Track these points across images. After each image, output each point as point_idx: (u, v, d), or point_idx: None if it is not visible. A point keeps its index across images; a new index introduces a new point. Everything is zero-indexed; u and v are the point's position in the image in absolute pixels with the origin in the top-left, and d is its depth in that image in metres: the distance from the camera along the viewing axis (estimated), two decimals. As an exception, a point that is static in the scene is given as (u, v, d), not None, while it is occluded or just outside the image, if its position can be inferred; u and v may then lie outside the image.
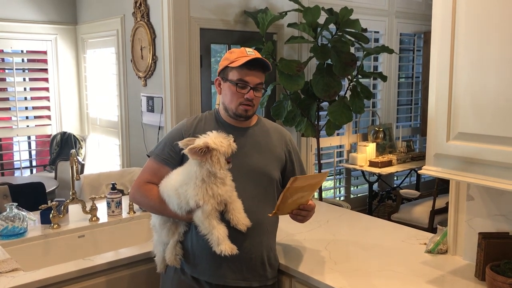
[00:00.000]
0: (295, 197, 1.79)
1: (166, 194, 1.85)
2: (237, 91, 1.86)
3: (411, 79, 5.98)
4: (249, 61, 1.83)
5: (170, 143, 1.92)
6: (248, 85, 1.86)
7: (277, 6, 4.20)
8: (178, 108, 3.74)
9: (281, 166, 2.00)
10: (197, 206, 1.74)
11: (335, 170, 5.16)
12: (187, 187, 1.75)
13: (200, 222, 1.75)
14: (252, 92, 1.87)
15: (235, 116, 1.91)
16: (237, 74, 1.86)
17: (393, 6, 5.38)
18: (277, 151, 1.99)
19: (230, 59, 1.88)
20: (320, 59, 3.87)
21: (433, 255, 2.12)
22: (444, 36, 1.72)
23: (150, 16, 3.97)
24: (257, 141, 1.96)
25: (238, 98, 1.87)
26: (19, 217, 2.33)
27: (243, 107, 1.88)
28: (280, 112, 4.05)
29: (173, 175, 1.86)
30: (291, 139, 2.07)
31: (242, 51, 1.89)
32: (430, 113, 1.81)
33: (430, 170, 1.82)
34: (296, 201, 1.83)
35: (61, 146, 5.17)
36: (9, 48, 5.04)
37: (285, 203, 1.79)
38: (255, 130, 1.98)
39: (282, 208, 1.81)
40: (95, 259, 2.08)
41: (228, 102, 1.90)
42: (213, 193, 1.72)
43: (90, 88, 5.30)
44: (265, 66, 1.89)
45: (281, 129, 2.08)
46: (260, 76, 1.89)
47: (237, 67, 1.85)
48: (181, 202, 1.78)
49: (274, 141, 2.00)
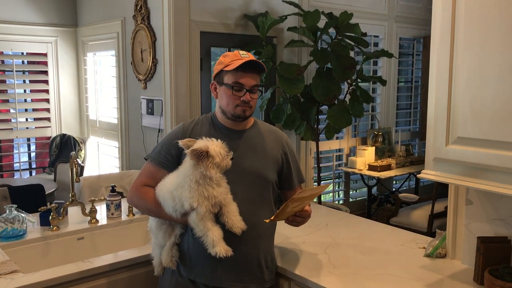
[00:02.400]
0: (294, 204, 1.81)
1: (162, 197, 1.86)
2: (233, 94, 1.88)
3: (411, 83, 5.98)
4: (243, 64, 1.85)
5: (167, 146, 1.94)
6: (243, 88, 1.87)
7: (277, 10, 4.21)
8: (178, 111, 3.74)
9: (277, 168, 2.00)
10: (192, 209, 1.74)
11: (334, 174, 5.16)
12: (182, 189, 1.76)
13: (194, 224, 1.76)
14: (248, 94, 1.88)
15: (233, 117, 1.92)
16: (232, 77, 1.87)
17: (393, 11, 5.40)
18: (273, 153, 2.00)
19: (225, 63, 1.89)
20: (319, 63, 3.87)
21: (432, 259, 2.13)
22: (443, 40, 1.73)
23: (151, 19, 3.98)
24: (253, 143, 1.97)
25: (235, 101, 1.88)
26: (19, 219, 2.33)
27: (240, 108, 1.90)
28: (279, 116, 4.05)
29: (169, 178, 1.87)
30: (287, 141, 2.07)
31: (236, 54, 1.90)
32: (429, 117, 1.81)
33: (429, 174, 1.82)
34: (293, 209, 1.85)
35: (61, 148, 5.17)
36: (9, 50, 5.04)
37: (284, 211, 1.80)
38: (251, 132, 1.99)
39: (280, 215, 1.83)
40: (94, 261, 2.08)
41: (225, 105, 1.92)
42: (208, 195, 1.73)
43: (90, 90, 5.31)
44: (259, 68, 1.91)
45: (278, 131, 2.09)
46: (255, 78, 1.90)
47: (231, 71, 1.86)
48: (176, 205, 1.79)
49: (270, 143, 2.01)
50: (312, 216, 2.74)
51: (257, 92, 1.93)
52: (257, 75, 1.92)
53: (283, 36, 4.29)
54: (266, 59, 3.82)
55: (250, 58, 1.88)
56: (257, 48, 3.89)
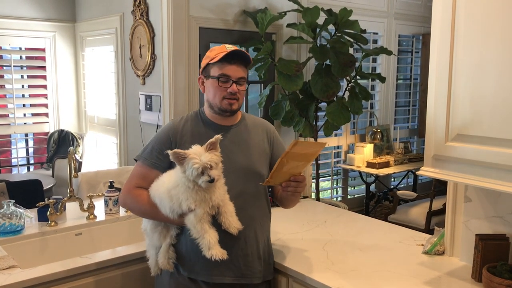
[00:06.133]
0: (290, 165, 1.78)
1: (158, 198, 1.83)
2: (219, 85, 1.87)
3: (409, 80, 5.98)
4: (228, 54, 1.85)
5: (158, 146, 1.92)
6: (230, 79, 1.87)
7: (277, 6, 4.20)
8: (176, 107, 3.73)
9: (268, 161, 2.00)
10: (189, 210, 1.74)
11: (333, 171, 5.16)
12: (179, 188, 1.74)
13: (192, 226, 1.75)
14: (235, 85, 1.87)
15: (220, 111, 1.92)
16: (218, 69, 1.87)
17: (392, 8, 5.39)
18: (263, 146, 2.00)
19: (211, 57, 1.89)
20: (319, 60, 3.87)
21: (430, 256, 2.13)
22: (443, 37, 1.73)
23: (149, 14, 3.97)
24: (243, 138, 1.96)
25: (221, 92, 1.88)
26: (16, 214, 2.32)
27: (227, 101, 1.89)
28: (278, 112, 4.05)
29: (165, 177, 1.85)
30: (274, 131, 2.08)
31: (222, 48, 1.90)
32: (429, 114, 1.81)
33: (429, 171, 1.82)
34: (289, 171, 1.82)
35: (59, 143, 5.16)
36: (7, 45, 5.02)
37: (279, 171, 1.77)
38: (240, 127, 1.99)
39: (275, 177, 1.80)
40: (92, 257, 2.08)
41: (211, 98, 1.91)
42: (206, 197, 1.72)
43: (88, 86, 5.29)
44: (245, 59, 1.90)
45: (265, 122, 2.09)
46: (242, 69, 1.90)
47: (217, 62, 1.86)
48: (174, 205, 1.77)
49: (259, 135, 2.01)
50: (311, 213, 2.74)
51: (244, 84, 1.92)
52: (244, 67, 1.91)
53: (282, 32, 4.28)
54: (265, 56, 3.81)
55: (235, 49, 1.88)
56: (256, 44, 3.88)
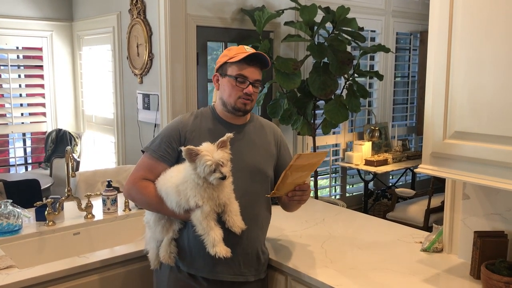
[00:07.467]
0: (294, 176, 1.80)
1: (165, 192, 1.83)
2: (236, 85, 1.88)
3: (407, 78, 5.99)
4: (248, 56, 1.87)
5: (167, 140, 1.92)
6: (247, 80, 1.88)
7: (274, 4, 4.19)
8: (174, 105, 3.73)
9: (274, 162, 2.02)
10: (197, 206, 1.74)
11: (331, 169, 5.16)
12: (188, 184, 1.74)
13: (198, 222, 1.75)
14: (251, 87, 1.89)
15: (233, 110, 1.92)
16: (237, 69, 1.88)
17: (390, 5, 5.39)
18: (271, 147, 2.02)
19: (229, 55, 1.90)
20: (316, 58, 3.87)
21: (429, 253, 2.13)
22: (441, 34, 1.72)
23: (147, 13, 3.96)
24: (252, 138, 1.98)
25: (237, 92, 1.89)
26: (14, 214, 2.32)
27: (242, 101, 1.90)
28: (276, 111, 4.05)
29: (173, 172, 1.85)
30: (281, 134, 2.10)
31: (241, 48, 1.92)
32: (426, 111, 1.81)
33: (427, 168, 1.82)
34: (294, 182, 1.84)
35: (56, 143, 5.15)
36: (4, 45, 5.00)
37: (284, 182, 1.79)
38: (250, 127, 2.00)
39: (281, 188, 1.82)
40: (90, 257, 2.08)
41: (226, 97, 1.92)
42: (214, 195, 1.73)
43: (85, 85, 5.28)
44: (263, 62, 1.92)
45: (273, 125, 2.12)
46: (259, 72, 1.92)
47: (236, 62, 1.88)
48: (181, 200, 1.77)
49: (267, 137, 2.03)
50: (309, 211, 2.74)
51: (259, 87, 1.94)
52: (261, 70, 1.93)
53: (280, 30, 4.28)
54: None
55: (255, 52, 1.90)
56: (253, 42, 3.87)
